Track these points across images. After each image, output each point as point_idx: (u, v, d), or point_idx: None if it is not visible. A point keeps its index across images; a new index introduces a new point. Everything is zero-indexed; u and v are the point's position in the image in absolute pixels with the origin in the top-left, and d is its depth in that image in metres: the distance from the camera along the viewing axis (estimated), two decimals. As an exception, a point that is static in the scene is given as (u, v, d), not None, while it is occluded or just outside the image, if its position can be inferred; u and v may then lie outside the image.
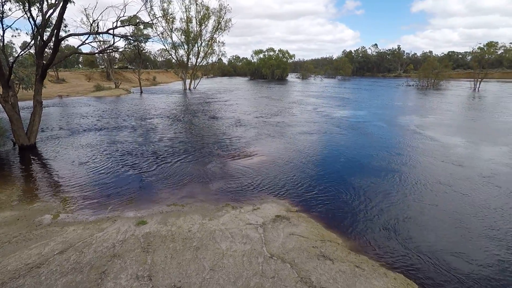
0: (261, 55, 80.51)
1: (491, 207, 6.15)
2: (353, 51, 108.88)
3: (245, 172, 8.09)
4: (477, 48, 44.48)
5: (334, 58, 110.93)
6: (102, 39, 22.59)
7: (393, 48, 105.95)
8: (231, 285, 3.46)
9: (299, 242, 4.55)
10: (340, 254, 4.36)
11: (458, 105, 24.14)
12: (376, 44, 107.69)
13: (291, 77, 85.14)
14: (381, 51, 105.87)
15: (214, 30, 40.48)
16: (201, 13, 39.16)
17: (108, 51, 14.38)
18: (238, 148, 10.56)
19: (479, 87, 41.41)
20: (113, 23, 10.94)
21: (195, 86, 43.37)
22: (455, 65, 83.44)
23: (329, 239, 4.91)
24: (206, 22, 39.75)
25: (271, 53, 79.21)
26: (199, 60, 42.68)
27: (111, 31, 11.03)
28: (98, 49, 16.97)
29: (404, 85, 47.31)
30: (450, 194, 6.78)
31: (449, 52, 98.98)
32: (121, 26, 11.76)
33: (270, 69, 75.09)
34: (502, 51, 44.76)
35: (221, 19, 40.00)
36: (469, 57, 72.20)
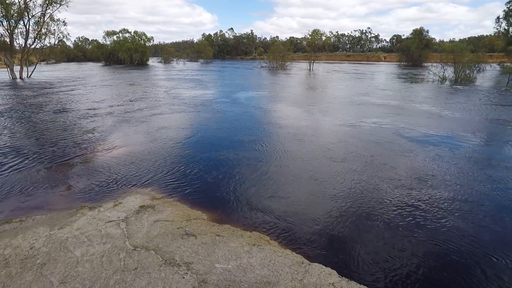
0: (115, 37, 71.32)
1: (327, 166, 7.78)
2: (212, 35, 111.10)
3: (104, 168, 7.31)
4: (308, 35, 53.36)
5: (195, 42, 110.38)
6: None
7: (247, 32, 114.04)
8: (88, 291, 3.19)
9: (164, 227, 4.57)
10: (204, 229, 4.64)
11: (299, 81, 28.73)
12: (232, 28, 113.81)
13: (153, 62, 79.81)
14: (237, 35, 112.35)
15: (46, 3, 32.46)
16: (23, -20, 30.72)
17: None
18: (94, 142, 9.37)
19: (313, 67, 50.21)
20: None
21: (29, 74, 34.43)
22: (295, 48, 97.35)
23: (195, 217, 5.13)
24: (33, -8, 31.52)
25: (126, 35, 71.37)
26: (29, 41, 33.87)
27: None
28: None
29: (258, 67, 52.18)
30: (283, 155, 8.17)
31: (290, 37, 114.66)
32: None
33: (128, 53, 67.79)
34: (324, 38, 55.28)
35: (53, -11, 32.39)
36: (304, 42, 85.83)
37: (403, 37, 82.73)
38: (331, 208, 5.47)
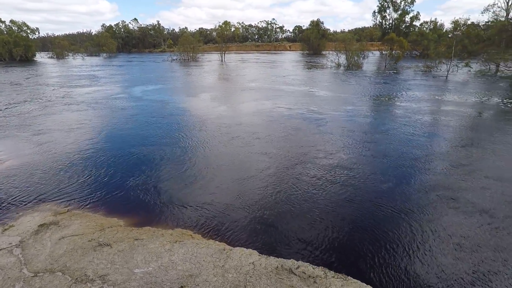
0: (-18, 29, 57.60)
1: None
2: (114, 26, 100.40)
3: (-15, 189, 6.03)
4: (218, 26, 53.14)
5: (94, 33, 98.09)
6: None
7: (153, 23, 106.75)
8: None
9: (72, 243, 4.08)
10: (121, 236, 4.33)
11: (212, 72, 28.53)
12: (136, 19, 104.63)
13: (42, 57, 67.65)
14: (143, 26, 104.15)
15: None
16: None
17: None
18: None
19: (225, 58, 50.38)
20: None
21: None
22: (206, 40, 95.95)
23: (110, 225, 4.72)
24: None
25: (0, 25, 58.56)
26: None
27: None
28: None
29: (169, 60, 49.72)
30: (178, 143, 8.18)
31: (200, 28, 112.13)
32: None
33: (6, 48, 55.74)
34: (234, 29, 55.92)
35: None
36: (215, 33, 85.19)
37: (303, 28, 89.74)
38: (249, 192, 5.73)
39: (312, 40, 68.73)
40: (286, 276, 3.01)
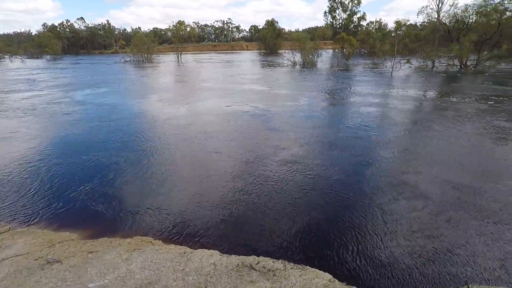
0: None
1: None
2: (57, 25, 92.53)
3: None
4: (173, 26, 51.60)
5: (34, 34, 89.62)
6: None
7: (103, 23, 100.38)
8: None
9: (15, 264, 3.72)
10: (73, 250, 4.05)
11: (168, 74, 27.67)
12: (83, 18, 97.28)
13: (-29, 60, 60.34)
14: (91, 26, 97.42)
15: None
16: None
17: None
18: None
19: (181, 58, 49.12)
20: None
21: None
22: (161, 40, 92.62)
23: (61, 240, 4.39)
24: None
25: None
26: None
27: None
28: None
29: (122, 61, 47.19)
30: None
31: (154, 28, 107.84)
32: None
33: None
34: (189, 29, 54.74)
35: None
36: (170, 33, 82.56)
37: (260, 28, 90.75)
38: (209, 192, 5.69)
39: (268, 40, 69.78)
40: (247, 272, 3.05)
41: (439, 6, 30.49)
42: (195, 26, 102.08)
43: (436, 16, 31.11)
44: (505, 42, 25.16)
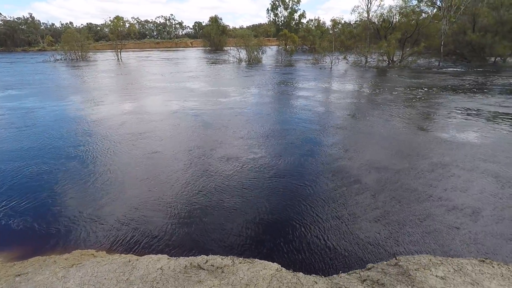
0: None
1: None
2: (-35, 19, 79.31)
3: None
4: (110, 21, 47.80)
5: None
6: None
7: (25, 17, 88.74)
8: None
9: None
10: (-4, 275, 3.58)
11: (105, 72, 25.67)
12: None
13: None
14: (9, 19, 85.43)
15: None
16: None
17: None
18: None
19: (121, 56, 45.91)
20: None
21: None
22: (97, 37, 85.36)
23: (-20, 266, 3.84)
24: None
25: None
26: None
27: None
28: None
29: (52, 60, 42.39)
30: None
31: (88, 23, 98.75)
32: None
33: None
34: (128, 25, 51.32)
35: None
36: (107, 30, 76.40)
37: (204, 24, 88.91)
38: (155, 195, 5.46)
39: (213, 36, 68.89)
40: (195, 272, 3.02)
41: (368, 6, 33.22)
42: (135, 22, 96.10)
43: (366, 15, 33.85)
44: (422, 40, 28.44)
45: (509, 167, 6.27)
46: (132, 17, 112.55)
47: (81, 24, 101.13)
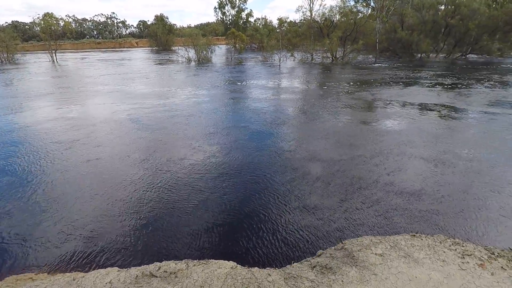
0: None
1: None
2: None
3: None
4: (39, 19, 43.00)
5: None
6: None
7: None
8: None
9: None
10: None
11: (38, 75, 23.12)
12: None
13: None
14: None
15: None
16: None
17: None
18: None
19: (56, 58, 41.73)
20: None
21: None
22: (25, 36, 76.41)
23: None
24: None
25: None
26: None
27: None
28: None
29: (-30, 63, 36.87)
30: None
31: (14, 22, 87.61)
32: None
33: None
34: (63, 23, 46.70)
35: None
36: (38, 28, 68.59)
37: (149, 23, 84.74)
38: (100, 206, 5.11)
39: (160, 36, 66.15)
40: (146, 281, 2.90)
41: (311, 6, 34.76)
42: (71, 20, 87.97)
43: (309, 14, 35.38)
44: (360, 38, 30.66)
45: (426, 149, 7.15)
46: (66, 15, 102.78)
47: (6, 22, 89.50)
